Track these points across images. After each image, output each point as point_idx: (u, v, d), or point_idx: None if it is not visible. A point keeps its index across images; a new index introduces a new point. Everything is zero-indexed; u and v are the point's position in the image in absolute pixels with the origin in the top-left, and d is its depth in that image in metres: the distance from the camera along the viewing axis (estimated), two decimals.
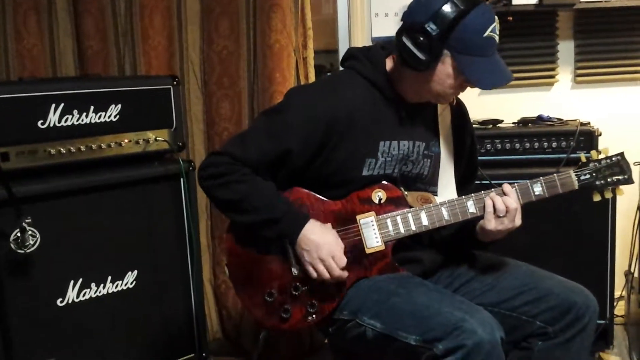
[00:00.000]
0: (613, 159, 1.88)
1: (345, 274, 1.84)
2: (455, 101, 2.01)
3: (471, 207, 1.86)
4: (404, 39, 1.79)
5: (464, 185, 2.05)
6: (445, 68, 1.80)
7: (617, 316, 2.91)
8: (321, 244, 1.82)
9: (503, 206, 1.81)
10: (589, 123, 2.79)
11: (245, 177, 1.86)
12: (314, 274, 1.83)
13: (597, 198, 1.89)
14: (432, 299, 1.74)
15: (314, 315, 1.87)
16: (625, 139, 2.62)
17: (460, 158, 2.03)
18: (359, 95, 1.89)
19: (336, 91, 1.89)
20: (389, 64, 1.92)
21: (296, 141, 1.85)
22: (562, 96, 3.17)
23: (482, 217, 1.85)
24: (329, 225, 1.87)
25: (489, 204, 1.82)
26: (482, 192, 1.87)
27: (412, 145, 1.91)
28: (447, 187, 1.99)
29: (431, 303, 1.72)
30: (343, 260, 1.83)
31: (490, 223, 1.82)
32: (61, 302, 2.33)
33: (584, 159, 1.88)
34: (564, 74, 3.15)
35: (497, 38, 1.79)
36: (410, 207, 1.88)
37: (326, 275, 1.82)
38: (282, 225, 1.83)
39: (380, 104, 1.90)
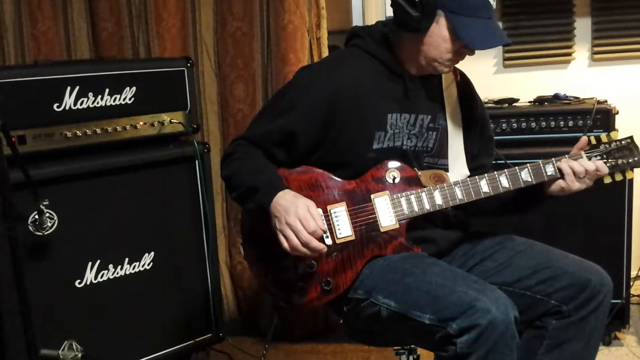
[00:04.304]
0: (623, 142, 1.87)
1: (317, 244, 1.72)
2: (459, 77, 2.00)
3: (484, 186, 1.86)
4: None
5: (481, 160, 2.04)
6: (439, 29, 1.80)
7: (634, 296, 2.90)
8: (289, 207, 1.72)
9: (582, 169, 1.83)
10: (605, 101, 2.77)
11: (246, 155, 1.89)
12: (284, 243, 1.73)
13: (607, 180, 1.88)
14: (446, 278, 1.74)
15: (328, 293, 1.87)
16: None
17: (471, 131, 2.02)
18: (363, 69, 1.90)
19: (339, 67, 1.91)
20: (391, 38, 1.92)
21: (300, 119, 1.87)
22: (579, 74, 3.14)
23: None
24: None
25: (567, 169, 1.83)
26: (495, 172, 1.87)
27: (414, 118, 1.91)
28: (457, 159, 1.98)
29: (445, 282, 1.72)
30: (311, 223, 1.71)
31: (575, 184, 1.84)
32: (79, 283, 2.37)
33: (593, 141, 1.87)
34: (581, 51, 3.12)
35: (492, 1, 1.79)
36: (424, 187, 1.88)
37: (294, 240, 1.71)
38: (260, 194, 1.79)
39: (384, 78, 1.91)
